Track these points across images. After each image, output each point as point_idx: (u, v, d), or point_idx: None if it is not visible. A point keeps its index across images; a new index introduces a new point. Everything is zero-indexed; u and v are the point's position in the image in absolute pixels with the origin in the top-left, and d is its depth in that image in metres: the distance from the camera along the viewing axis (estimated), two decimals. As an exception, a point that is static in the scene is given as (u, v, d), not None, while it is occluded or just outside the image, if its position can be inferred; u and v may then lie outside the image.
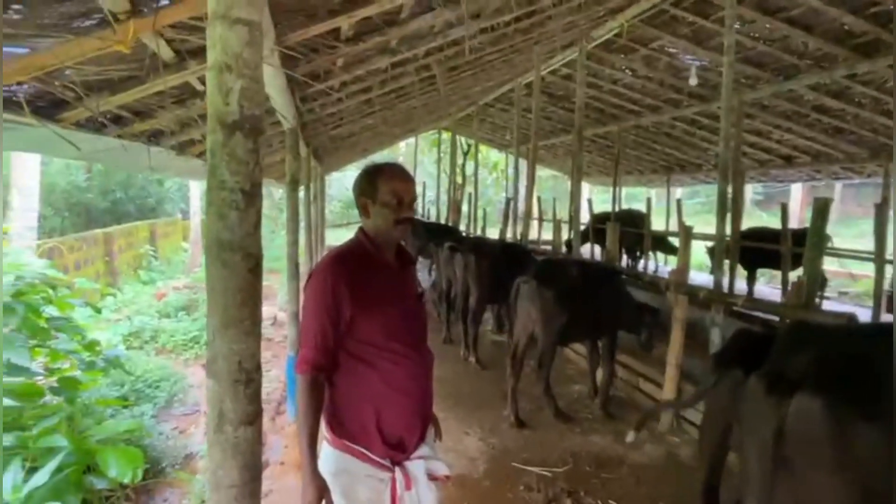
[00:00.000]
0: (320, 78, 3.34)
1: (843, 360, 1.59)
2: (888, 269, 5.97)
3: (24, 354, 2.89)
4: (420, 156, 19.85)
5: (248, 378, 1.37)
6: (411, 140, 18.92)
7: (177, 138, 3.34)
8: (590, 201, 12.39)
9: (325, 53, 2.92)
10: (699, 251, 9.23)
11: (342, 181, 28.42)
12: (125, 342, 6.60)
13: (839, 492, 1.47)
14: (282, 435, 4.40)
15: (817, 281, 3.08)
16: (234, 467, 1.34)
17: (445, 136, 16.23)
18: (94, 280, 8.94)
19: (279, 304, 9.69)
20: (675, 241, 10.08)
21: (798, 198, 22.18)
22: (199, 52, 2.22)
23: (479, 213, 13.02)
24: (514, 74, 8.88)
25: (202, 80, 2.60)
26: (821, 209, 2.91)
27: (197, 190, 15.17)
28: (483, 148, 20.20)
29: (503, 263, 5.58)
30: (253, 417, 1.39)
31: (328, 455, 1.75)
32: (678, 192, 23.63)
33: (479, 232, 12.41)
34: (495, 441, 4.09)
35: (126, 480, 3.05)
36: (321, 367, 1.67)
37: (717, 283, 4.68)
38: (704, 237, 7.75)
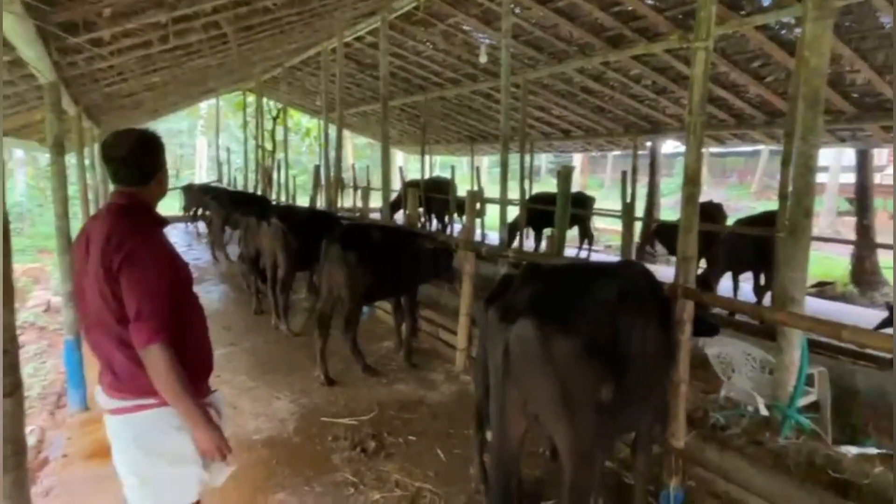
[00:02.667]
0: (81, 30, 2.98)
1: (555, 292, 2.07)
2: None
3: None
4: (224, 119, 18.36)
5: (3, 350, 1.32)
6: (213, 101, 17.37)
7: None
8: (401, 169, 12.86)
9: (84, 3, 2.63)
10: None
11: (130, 145, 24.93)
12: None
13: (547, 391, 1.95)
14: (64, 428, 3.98)
15: (565, 234, 3.78)
16: (-8, 442, 1.30)
17: (252, 98, 15.25)
18: None
19: (53, 287, 8.38)
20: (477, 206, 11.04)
21: (579, 166, 25.69)
22: None
23: (291, 180, 12.63)
24: (318, 38, 8.72)
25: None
26: (565, 176, 3.57)
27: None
28: (294, 113, 19.42)
29: (311, 231, 5.61)
30: (11, 389, 1.36)
31: (160, 412, 1.74)
32: (485, 160, 25.62)
33: (290, 200, 12.08)
34: (306, 401, 4.23)
35: None
36: (171, 330, 1.66)
37: (502, 241, 5.36)
38: (494, 201, 8.64)
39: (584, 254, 10.43)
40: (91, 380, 3.60)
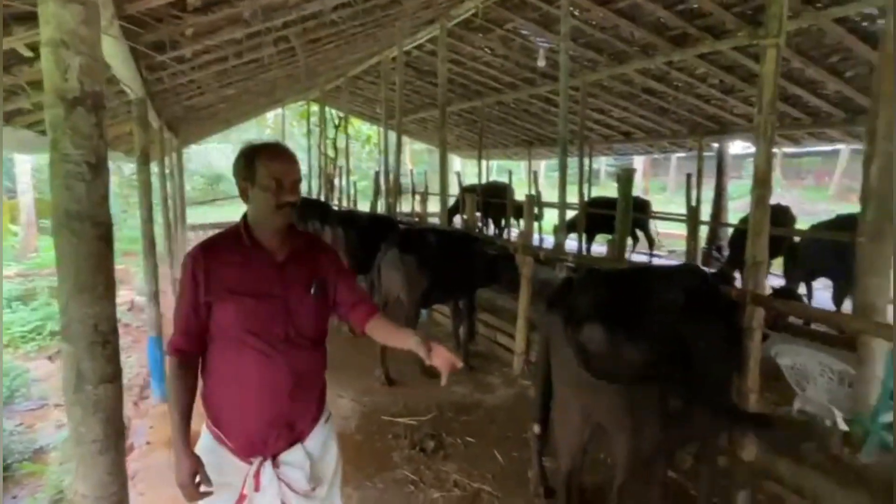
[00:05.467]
0: (167, 48, 3.24)
1: (616, 296, 2.06)
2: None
3: None
4: (289, 128, 19.13)
5: (105, 340, 1.45)
6: (280, 111, 18.14)
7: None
8: (458, 174, 12.95)
9: (170, 23, 2.86)
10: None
11: (205, 155, 26.38)
12: (-54, 338, 5.81)
13: (612, 399, 1.94)
14: (147, 418, 4.29)
15: (626, 239, 3.71)
16: (96, 423, 1.42)
17: (315, 107, 15.82)
18: None
19: (136, 287, 9.01)
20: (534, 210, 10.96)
21: (640, 169, 25.00)
22: (28, 18, 2.11)
23: (352, 186, 13.01)
24: (379, 48, 8.96)
25: (31, 47, 2.45)
26: (626, 179, 3.51)
27: (27, 165, 13.30)
28: (356, 121, 19.97)
29: (371, 235, 5.77)
30: (112, 376, 1.48)
31: (203, 433, 1.76)
32: (542, 164, 25.31)
33: (351, 206, 12.44)
34: (367, 400, 4.36)
35: (-34, 477, 2.86)
36: (183, 349, 1.68)
37: (559, 245, 5.31)
38: (552, 205, 8.55)
39: (644, 258, 10.15)
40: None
